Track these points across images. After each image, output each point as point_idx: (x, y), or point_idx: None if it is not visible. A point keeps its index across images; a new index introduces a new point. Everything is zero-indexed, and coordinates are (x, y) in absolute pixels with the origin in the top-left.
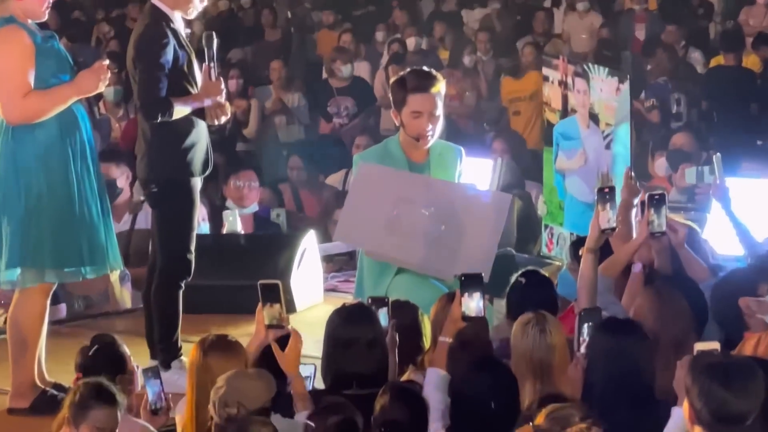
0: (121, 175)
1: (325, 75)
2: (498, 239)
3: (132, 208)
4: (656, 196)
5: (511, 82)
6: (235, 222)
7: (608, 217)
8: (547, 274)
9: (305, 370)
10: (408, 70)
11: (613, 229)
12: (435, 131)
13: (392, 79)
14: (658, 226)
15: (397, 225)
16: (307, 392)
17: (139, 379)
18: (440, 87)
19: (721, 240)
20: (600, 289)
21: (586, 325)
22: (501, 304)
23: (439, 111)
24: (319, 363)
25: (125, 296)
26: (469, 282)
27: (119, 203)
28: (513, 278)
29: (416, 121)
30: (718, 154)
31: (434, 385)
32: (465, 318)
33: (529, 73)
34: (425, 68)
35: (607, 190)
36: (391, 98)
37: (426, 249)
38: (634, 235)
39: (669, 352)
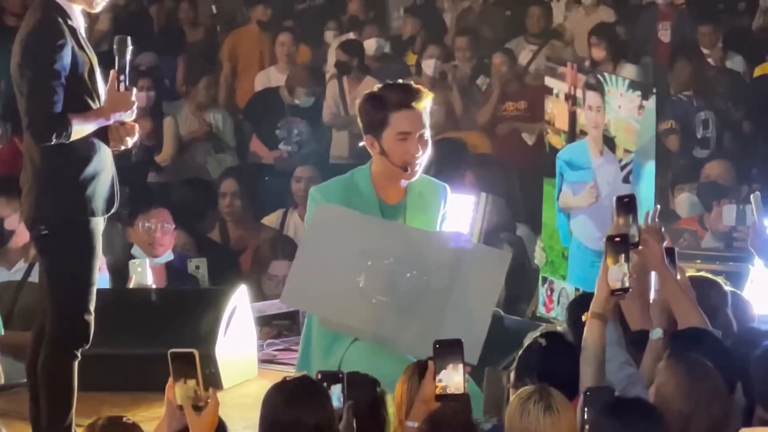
0: (13, 213)
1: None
2: (492, 308)
3: (28, 254)
4: (625, 200)
5: None
6: (144, 274)
7: (621, 274)
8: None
9: None
10: (383, 84)
11: (626, 290)
12: (424, 159)
13: (362, 98)
14: (631, 237)
15: (362, 287)
16: None
17: None
18: (427, 102)
19: (765, 297)
20: (613, 340)
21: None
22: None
23: (428, 133)
24: None
25: None
26: (446, 351)
27: (11, 248)
28: (528, 339)
29: (403, 145)
30: (757, 192)
31: None
32: (439, 397)
33: None
34: (401, 81)
35: (618, 239)
36: (361, 121)
37: (400, 320)
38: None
39: None
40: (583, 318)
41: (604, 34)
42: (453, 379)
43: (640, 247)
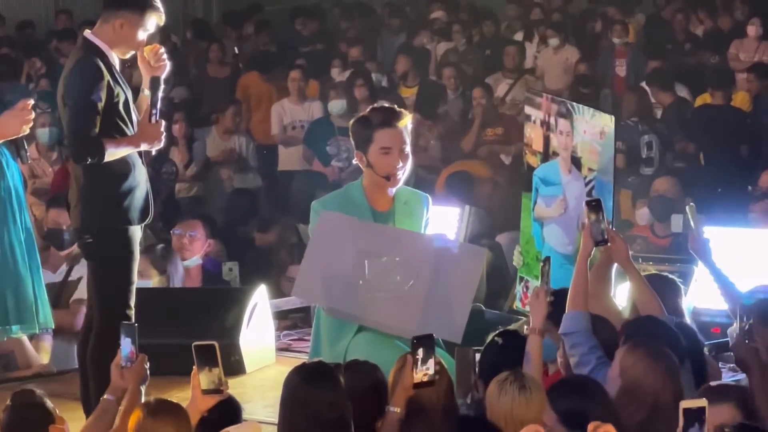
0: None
1: (317, 113)
2: (472, 297)
3: (71, 259)
4: (593, 203)
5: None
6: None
7: (600, 229)
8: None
9: None
10: (369, 108)
11: (606, 242)
12: (405, 170)
13: (353, 120)
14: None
15: (360, 281)
16: None
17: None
18: (407, 121)
19: (709, 293)
20: (580, 327)
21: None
22: None
23: (408, 148)
24: (270, 430)
25: (35, 355)
26: (422, 344)
27: (58, 254)
28: (488, 337)
29: (386, 158)
30: (692, 203)
31: None
32: (416, 385)
33: None
34: (386, 104)
35: (594, 202)
36: (353, 139)
37: (392, 307)
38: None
39: (669, 412)
40: (525, 330)
41: None
42: (428, 369)
43: (608, 244)
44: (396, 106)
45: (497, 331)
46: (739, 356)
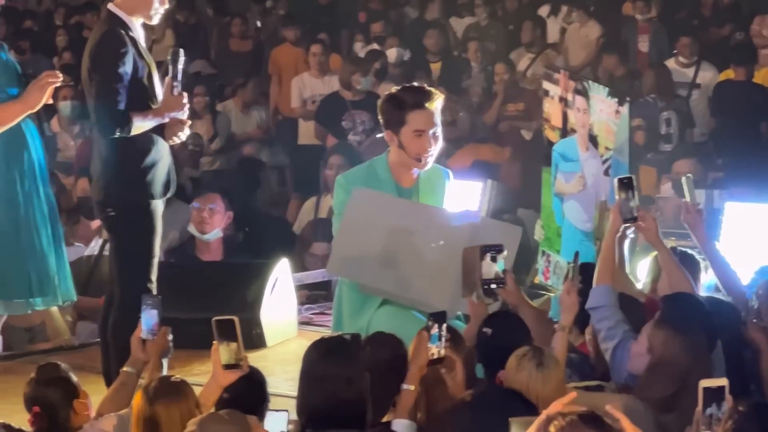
0: None
1: (337, 87)
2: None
3: (101, 232)
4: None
5: None
6: None
7: (629, 207)
8: (537, 305)
9: (277, 420)
10: (400, 86)
11: (635, 220)
12: (435, 152)
13: (383, 98)
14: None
15: (395, 257)
16: None
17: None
18: (438, 103)
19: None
20: (608, 301)
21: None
22: None
23: (440, 130)
24: (292, 404)
25: (64, 327)
26: (437, 320)
27: (90, 227)
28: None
29: (418, 141)
30: (689, 175)
31: None
32: (430, 362)
33: None
34: (416, 84)
35: (626, 180)
36: (382, 118)
37: (427, 284)
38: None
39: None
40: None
41: None
42: (440, 346)
43: (639, 222)
44: (426, 85)
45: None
46: (748, 336)
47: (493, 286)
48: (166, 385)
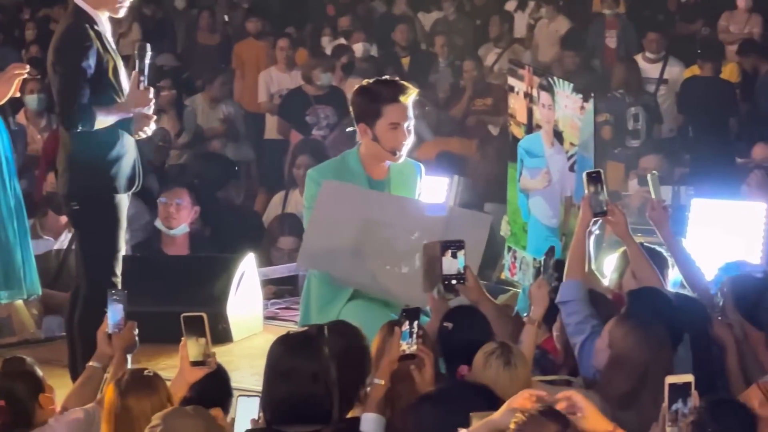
0: None
1: (300, 82)
2: (478, 263)
3: (71, 226)
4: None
5: None
6: None
7: (599, 201)
8: (503, 300)
9: (249, 406)
10: (373, 80)
11: (605, 213)
12: (408, 145)
13: (355, 92)
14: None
15: (368, 248)
16: None
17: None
18: (412, 97)
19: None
20: (577, 296)
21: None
22: None
23: (413, 123)
24: (258, 399)
25: (30, 321)
26: (409, 317)
27: (58, 220)
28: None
29: (394, 134)
30: (654, 172)
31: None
32: (401, 358)
33: None
34: (388, 77)
35: (594, 174)
36: (355, 111)
37: (400, 275)
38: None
39: (657, 386)
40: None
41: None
42: (412, 341)
43: (608, 216)
44: (398, 78)
45: (444, 314)
46: (713, 333)
47: (454, 281)
48: (138, 379)
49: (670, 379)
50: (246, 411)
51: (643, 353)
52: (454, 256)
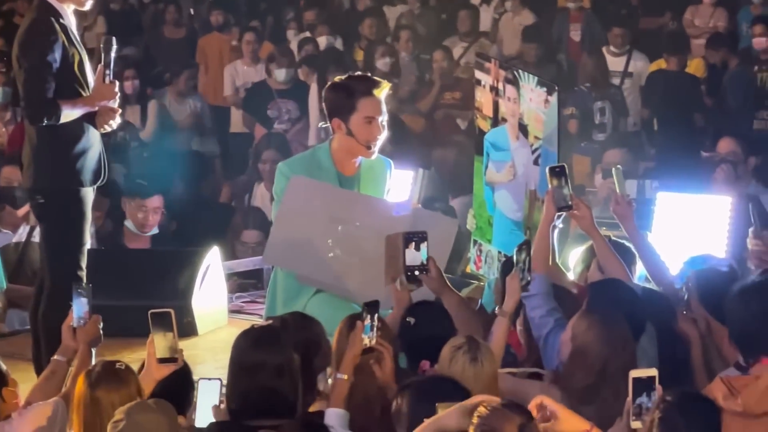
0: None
1: (263, 76)
2: (443, 267)
3: (29, 219)
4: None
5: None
6: None
7: (563, 195)
8: (468, 293)
9: (210, 389)
10: (345, 76)
11: (570, 208)
12: (382, 139)
13: (328, 87)
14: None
15: (332, 248)
16: None
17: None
18: (385, 92)
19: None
20: (541, 290)
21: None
22: None
23: (386, 118)
24: (218, 382)
25: None
26: (370, 311)
27: (17, 214)
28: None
29: (368, 128)
30: (618, 166)
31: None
32: (364, 351)
33: None
34: (360, 73)
35: (558, 168)
36: (328, 106)
37: (364, 275)
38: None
39: (618, 380)
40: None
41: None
42: (373, 335)
43: (573, 211)
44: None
45: (408, 307)
46: (678, 327)
47: (417, 272)
48: (109, 371)
49: (634, 373)
50: (207, 394)
51: (605, 347)
52: (417, 247)
